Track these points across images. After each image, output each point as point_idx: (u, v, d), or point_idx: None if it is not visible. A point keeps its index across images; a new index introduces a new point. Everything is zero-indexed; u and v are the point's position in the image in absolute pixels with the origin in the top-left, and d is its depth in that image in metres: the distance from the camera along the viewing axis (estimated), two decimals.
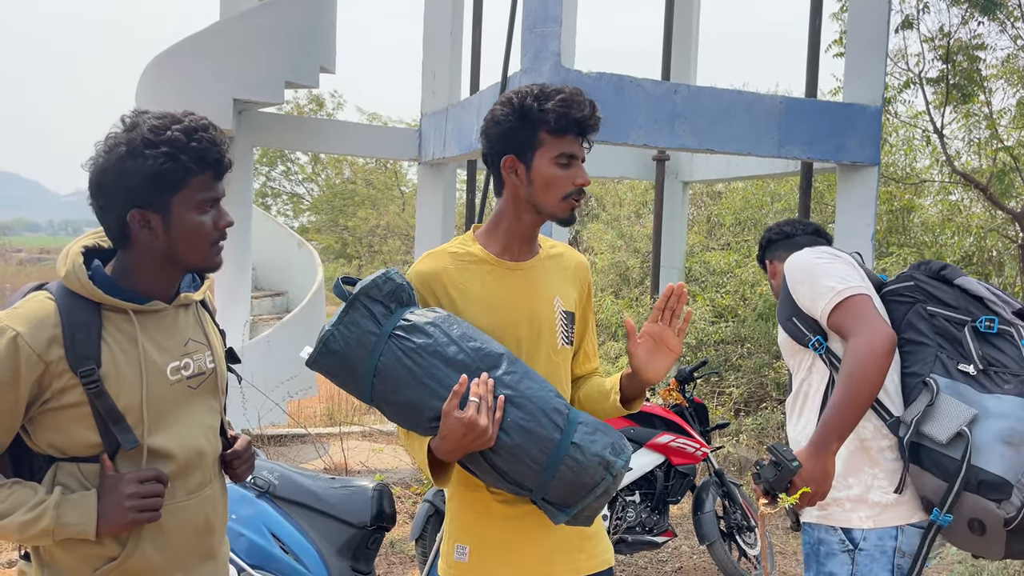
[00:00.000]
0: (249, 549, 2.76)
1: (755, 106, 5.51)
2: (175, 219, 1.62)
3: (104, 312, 1.61)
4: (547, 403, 1.69)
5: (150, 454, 1.63)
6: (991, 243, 8.56)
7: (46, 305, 1.57)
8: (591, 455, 1.66)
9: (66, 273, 1.60)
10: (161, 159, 1.56)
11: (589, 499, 1.68)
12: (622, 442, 1.72)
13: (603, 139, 5.14)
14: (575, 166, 1.86)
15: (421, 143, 7.56)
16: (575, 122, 1.82)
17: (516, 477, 1.69)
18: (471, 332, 1.74)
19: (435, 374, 1.67)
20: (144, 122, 1.59)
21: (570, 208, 1.89)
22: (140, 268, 1.66)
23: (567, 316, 1.94)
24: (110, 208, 1.61)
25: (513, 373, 1.70)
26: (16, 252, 28.72)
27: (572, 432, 1.68)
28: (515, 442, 1.66)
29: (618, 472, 1.68)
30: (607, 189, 16.35)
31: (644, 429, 4.38)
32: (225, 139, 1.68)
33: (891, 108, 9.32)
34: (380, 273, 1.76)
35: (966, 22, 8.29)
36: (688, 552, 5.07)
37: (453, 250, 1.95)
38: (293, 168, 23.59)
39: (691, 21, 7.93)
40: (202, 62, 6.44)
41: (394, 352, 1.68)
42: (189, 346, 1.73)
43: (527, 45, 4.90)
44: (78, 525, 1.54)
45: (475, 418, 1.61)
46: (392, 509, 2.92)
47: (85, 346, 1.56)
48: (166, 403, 1.67)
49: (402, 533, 5.02)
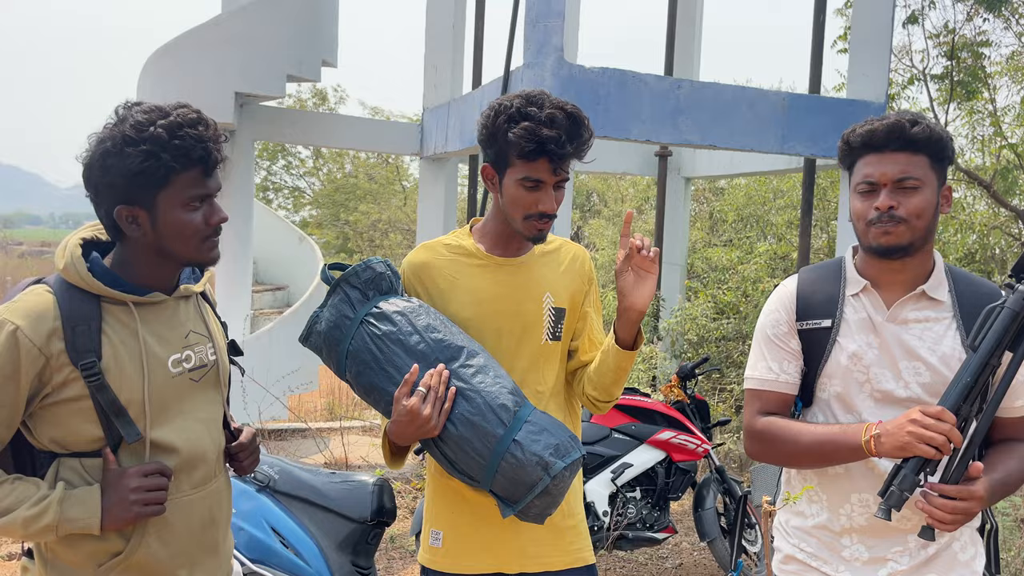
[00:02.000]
0: (249, 543, 2.76)
1: (758, 102, 5.49)
2: (161, 216, 1.59)
3: (103, 304, 1.60)
4: (495, 398, 1.71)
5: (153, 447, 1.63)
6: (994, 241, 8.54)
7: (45, 298, 1.56)
8: (530, 454, 1.67)
9: (64, 265, 1.59)
10: (141, 157, 1.53)
11: (530, 497, 1.70)
12: (570, 445, 1.72)
13: (605, 134, 5.12)
14: (542, 190, 1.85)
15: (423, 137, 7.54)
16: (543, 151, 1.79)
17: (463, 467, 1.74)
18: (436, 323, 1.79)
19: (395, 361, 1.74)
20: (130, 117, 1.56)
21: (535, 230, 1.88)
22: (135, 261, 1.65)
23: (556, 312, 1.96)
24: (100, 202, 1.60)
25: (469, 366, 1.74)
26: (17, 245, 28.72)
27: (516, 429, 1.69)
28: (461, 434, 1.71)
29: (558, 474, 1.68)
30: (609, 185, 16.33)
31: (645, 425, 4.37)
32: (217, 133, 1.63)
33: (895, 104, 9.29)
34: (363, 261, 1.85)
35: (971, 18, 8.27)
36: (689, 549, 5.06)
37: (447, 242, 2.00)
38: (294, 162, 23.57)
39: (694, 16, 7.91)
40: (203, 55, 6.42)
41: (363, 337, 1.77)
42: (190, 338, 1.72)
43: (530, 39, 4.88)
44: (82, 520, 1.54)
45: (417, 407, 1.68)
46: (392, 504, 2.92)
47: (85, 339, 1.55)
48: (168, 396, 1.66)
49: (402, 528, 5.01)
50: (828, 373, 1.83)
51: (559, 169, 1.83)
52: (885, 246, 1.74)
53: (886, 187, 1.73)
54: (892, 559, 1.77)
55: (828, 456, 1.76)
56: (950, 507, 1.59)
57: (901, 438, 1.62)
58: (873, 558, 1.78)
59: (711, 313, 8.39)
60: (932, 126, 1.74)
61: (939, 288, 1.79)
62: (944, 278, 1.81)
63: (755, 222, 10.82)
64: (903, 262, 1.77)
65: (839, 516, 1.80)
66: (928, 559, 1.76)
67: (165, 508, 1.60)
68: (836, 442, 1.73)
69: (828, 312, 1.84)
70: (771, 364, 1.88)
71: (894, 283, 1.81)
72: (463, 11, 7.46)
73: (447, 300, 1.92)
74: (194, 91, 6.01)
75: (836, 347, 1.81)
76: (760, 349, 1.92)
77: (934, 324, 1.78)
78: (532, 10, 4.87)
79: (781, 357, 1.88)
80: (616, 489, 4.27)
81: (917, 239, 1.74)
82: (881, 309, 1.80)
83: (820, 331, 1.84)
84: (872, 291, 1.81)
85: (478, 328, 1.89)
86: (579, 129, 1.82)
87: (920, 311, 1.79)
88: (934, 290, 1.79)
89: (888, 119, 1.75)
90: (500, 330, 1.91)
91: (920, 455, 1.60)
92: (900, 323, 1.78)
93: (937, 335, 1.76)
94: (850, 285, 1.84)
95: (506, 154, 1.84)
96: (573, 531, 1.98)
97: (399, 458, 1.91)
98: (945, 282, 1.81)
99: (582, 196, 16.50)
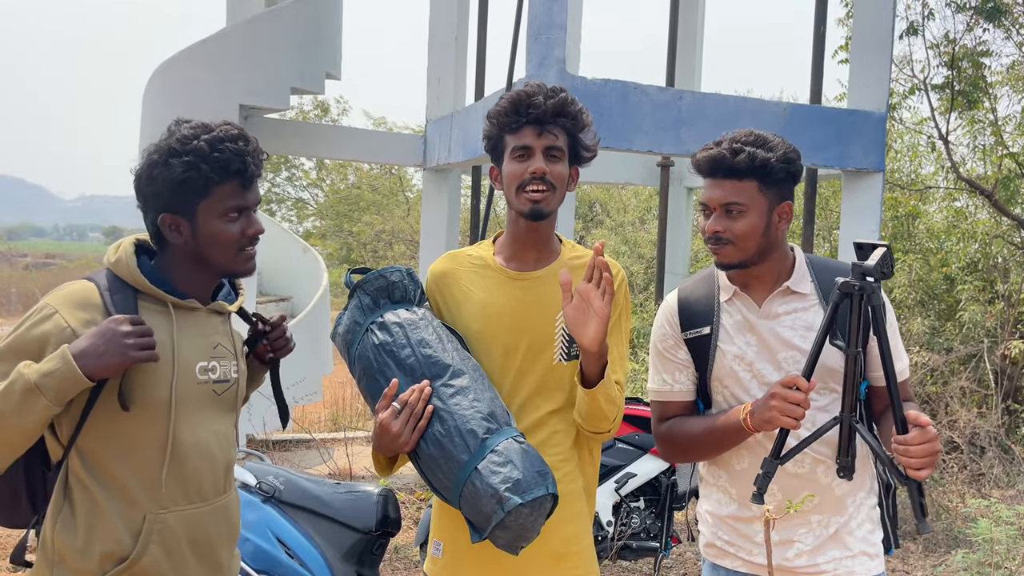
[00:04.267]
0: (254, 554, 2.76)
1: (760, 112, 5.51)
2: (201, 225, 1.68)
3: (141, 303, 1.67)
4: (466, 423, 1.66)
5: (173, 450, 1.66)
6: (996, 250, 8.53)
7: (87, 286, 1.65)
8: (486, 486, 1.61)
9: (116, 259, 1.68)
10: (183, 168, 1.63)
11: (490, 528, 1.63)
12: (534, 481, 1.62)
13: (608, 145, 5.14)
14: (531, 156, 1.84)
15: (426, 149, 7.57)
16: (524, 115, 1.82)
17: (436, 485, 1.73)
18: (431, 338, 1.77)
19: (385, 372, 1.75)
20: (177, 131, 1.66)
21: (529, 202, 1.83)
22: (176, 268, 1.73)
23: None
24: (147, 211, 1.70)
25: (450, 386, 1.71)
26: (22, 257, 28.82)
27: (480, 457, 1.63)
28: (431, 453, 1.69)
29: (513, 510, 1.59)
30: (611, 195, 16.36)
31: (649, 435, 4.37)
32: (257, 149, 1.71)
33: (896, 114, 9.31)
34: (379, 269, 1.87)
35: (971, 28, 8.30)
36: (692, 559, 5.06)
37: (470, 253, 2.00)
38: (298, 174, 23.64)
39: (695, 26, 7.94)
40: (208, 68, 6.46)
41: (365, 344, 1.80)
42: (218, 350, 1.78)
43: (532, 51, 4.91)
44: (57, 368, 1.51)
45: (387, 422, 1.68)
46: (397, 514, 2.93)
47: (125, 305, 1.63)
48: (191, 400, 1.70)
49: (407, 538, 5.01)
50: (717, 376, 1.97)
51: (545, 132, 1.82)
52: (719, 263, 1.94)
53: (716, 212, 1.88)
54: (798, 540, 1.93)
55: (720, 441, 1.92)
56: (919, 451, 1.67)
57: (767, 411, 1.77)
58: (782, 540, 1.93)
59: None
60: (757, 154, 1.84)
61: (802, 281, 1.95)
62: (806, 271, 1.97)
63: None
64: (759, 267, 1.92)
65: (748, 507, 1.93)
66: (829, 537, 1.92)
67: (157, 355, 1.60)
68: (722, 427, 1.89)
69: (707, 320, 1.99)
70: (664, 376, 2.04)
71: (760, 284, 1.96)
72: (466, 23, 7.50)
73: (460, 311, 1.91)
74: (199, 104, 6.04)
75: (718, 351, 1.97)
76: (654, 362, 2.07)
77: (802, 313, 1.93)
78: (534, 22, 4.90)
79: (672, 368, 2.03)
80: (620, 499, 4.27)
81: (750, 256, 1.89)
82: (754, 308, 1.95)
83: (702, 338, 1.99)
84: (743, 294, 1.96)
85: (486, 343, 1.86)
86: (560, 93, 1.83)
87: (788, 303, 1.94)
88: (797, 284, 1.95)
89: (711, 151, 1.88)
90: (508, 346, 1.86)
91: (781, 426, 1.75)
92: (772, 318, 1.93)
93: (807, 323, 1.92)
94: (723, 292, 1.99)
95: (500, 139, 1.88)
96: (576, 557, 1.90)
97: (387, 467, 1.85)
98: (808, 274, 1.97)
99: (584, 206, 16.53)
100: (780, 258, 1.94)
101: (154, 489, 1.65)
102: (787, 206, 1.90)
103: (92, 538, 1.62)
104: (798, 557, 1.92)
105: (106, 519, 1.62)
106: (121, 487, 1.63)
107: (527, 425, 1.85)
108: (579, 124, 1.87)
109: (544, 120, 1.82)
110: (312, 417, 8.46)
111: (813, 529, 1.93)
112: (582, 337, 1.71)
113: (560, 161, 1.86)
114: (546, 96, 1.83)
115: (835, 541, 1.93)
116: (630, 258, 11.82)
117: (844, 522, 1.94)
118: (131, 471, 1.64)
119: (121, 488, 1.63)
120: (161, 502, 1.66)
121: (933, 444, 1.67)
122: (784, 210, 1.90)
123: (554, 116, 1.83)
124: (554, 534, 1.83)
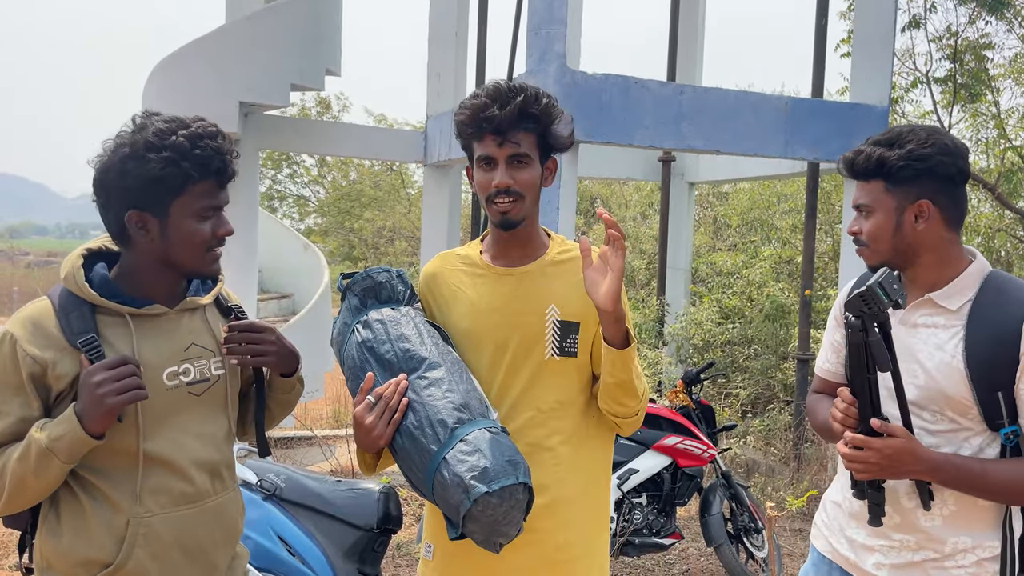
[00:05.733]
0: (256, 552, 2.76)
1: (761, 106, 5.50)
2: (172, 224, 1.63)
3: (99, 316, 1.63)
4: (436, 413, 1.64)
5: (146, 460, 1.63)
6: (999, 243, 8.51)
7: (42, 305, 1.62)
8: (453, 475, 1.57)
9: (66, 275, 1.64)
10: (162, 163, 1.57)
11: (460, 520, 1.59)
12: (504, 470, 1.57)
13: (609, 140, 5.13)
14: (495, 167, 1.79)
15: (427, 145, 7.56)
16: (479, 126, 1.76)
17: (413, 481, 1.71)
18: (411, 334, 1.76)
19: (366, 368, 1.75)
20: (151, 124, 1.60)
21: (498, 213, 1.80)
22: (140, 270, 1.68)
23: (563, 325, 1.83)
24: (110, 206, 1.63)
25: (424, 379, 1.69)
26: (24, 255, 28.85)
27: (448, 447, 1.60)
28: (404, 446, 1.67)
29: (479, 498, 1.54)
30: (613, 190, 16.34)
31: (651, 431, 4.36)
32: (232, 148, 1.67)
33: (898, 108, 9.28)
34: (365, 270, 1.87)
35: (973, 21, 8.27)
36: (695, 554, 5.05)
37: (460, 252, 1.98)
38: (299, 171, 23.63)
39: (696, 21, 7.92)
40: (208, 65, 6.45)
41: (351, 343, 1.80)
42: (191, 351, 1.72)
43: (532, 47, 4.90)
44: (67, 433, 1.53)
45: (361, 415, 1.68)
46: (398, 511, 2.92)
47: (80, 323, 1.59)
48: (162, 409, 1.66)
49: (409, 535, 5.01)
50: None
51: (505, 142, 1.75)
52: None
53: (856, 213, 1.90)
54: (878, 551, 1.90)
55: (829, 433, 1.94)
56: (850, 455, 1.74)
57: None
58: (866, 545, 1.92)
59: (716, 318, 8.38)
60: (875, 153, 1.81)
61: (953, 296, 1.81)
62: (969, 286, 1.81)
63: (759, 226, 10.82)
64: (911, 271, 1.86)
65: (848, 500, 1.96)
66: (913, 563, 1.84)
67: (147, 394, 1.58)
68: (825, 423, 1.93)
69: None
70: (823, 351, 2.16)
71: (913, 288, 1.88)
72: (466, 18, 7.49)
73: (449, 310, 1.90)
74: (199, 101, 6.04)
75: None
76: (824, 340, 2.17)
77: (940, 331, 1.81)
78: (534, 17, 4.89)
79: (827, 346, 2.14)
80: (622, 495, 4.27)
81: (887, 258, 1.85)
82: (902, 313, 1.88)
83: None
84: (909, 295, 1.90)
85: (477, 340, 1.84)
86: (511, 95, 1.73)
87: (929, 316, 1.84)
88: (944, 297, 1.81)
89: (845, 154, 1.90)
90: (498, 343, 1.83)
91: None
92: (910, 326, 1.86)
93: (939, 342, 1.80)
94: None
95: (468, 145, 1.85)
96: (567, 565, 1.83)
97: (371, 465, 1.83)
98: (969, 291, 1.81)
99: (586, 202, 16.50)
100: (935, 263, 1.83)
101: (135, 496, 1.63)
102: (923, 205, 1.79)
103: (77, 544, 1.61)
104: (878, 568, 1.89)
105: (91, 525, 1.61)
106: (103, 494, 1.62)
107: (520, 424, 1.81)
108: (547, 120, 1.78)
109: (503, 130, 1.75)
110: (314, 414, 8.46)
111: (894, 546, 1.87)
112: (598, 296, 1.69)
113: (528, 166, 1.79)
114: (503, 104, 1.73)
115: (920, 571, 1.83)
116: (632, 253, 11.80)
117: (938, 560, 1.82)
118: (110, 481, 1.63)
119: (104, 495, 1.62)
120: (146, 506, 1.64)
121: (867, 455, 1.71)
122: (921, 209, 1.79)
123: (515, 122, 1.75)
124: (546, 539, 1.80)
